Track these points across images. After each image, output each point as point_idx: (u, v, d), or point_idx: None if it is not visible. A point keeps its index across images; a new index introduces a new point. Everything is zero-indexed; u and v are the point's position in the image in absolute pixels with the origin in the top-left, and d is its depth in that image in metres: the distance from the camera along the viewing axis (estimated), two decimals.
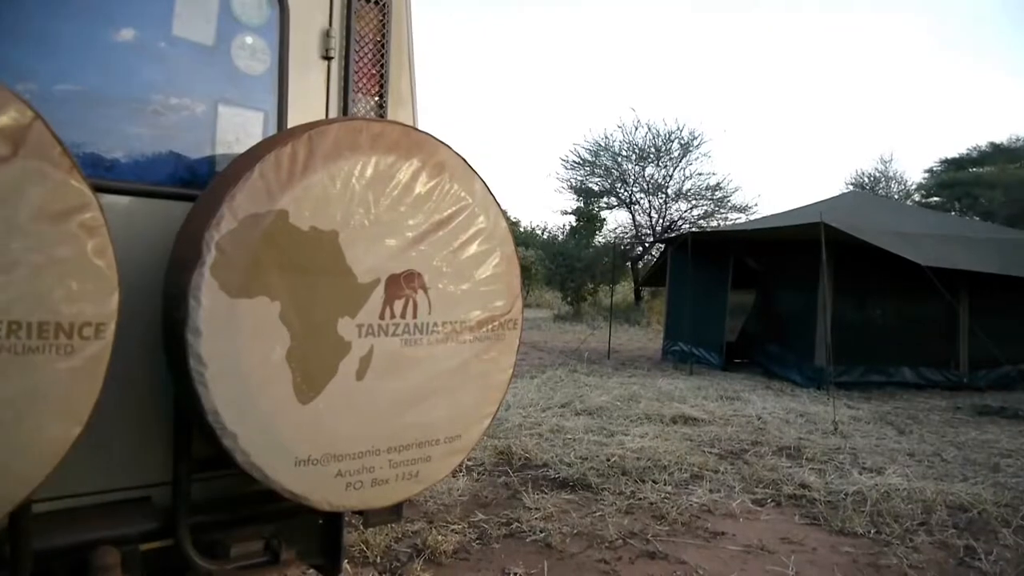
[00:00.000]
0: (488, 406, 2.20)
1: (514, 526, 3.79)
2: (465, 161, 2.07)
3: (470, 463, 4.92)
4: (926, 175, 41.39)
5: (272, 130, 2.25)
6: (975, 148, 42.37)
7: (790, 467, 5.12)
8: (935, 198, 38.48)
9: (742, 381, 9.47)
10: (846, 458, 5.45)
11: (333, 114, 2.40)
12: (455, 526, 3.74)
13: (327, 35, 2.37)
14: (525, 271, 27.79)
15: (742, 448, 5.70)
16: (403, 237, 1.94)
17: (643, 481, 4.62)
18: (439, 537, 3.52)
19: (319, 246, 1.82)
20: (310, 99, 2.36)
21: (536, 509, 4.03)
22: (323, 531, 2.41)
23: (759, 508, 4.28)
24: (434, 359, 2.03)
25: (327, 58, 2.38)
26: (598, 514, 4.02)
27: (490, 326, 2.13)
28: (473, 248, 2.07)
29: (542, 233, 28.70)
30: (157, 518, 1.98)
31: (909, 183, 37.36)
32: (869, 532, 3.89)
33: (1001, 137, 44.00)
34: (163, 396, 1.98)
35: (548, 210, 75.04)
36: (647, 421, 6.54)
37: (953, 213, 32.50)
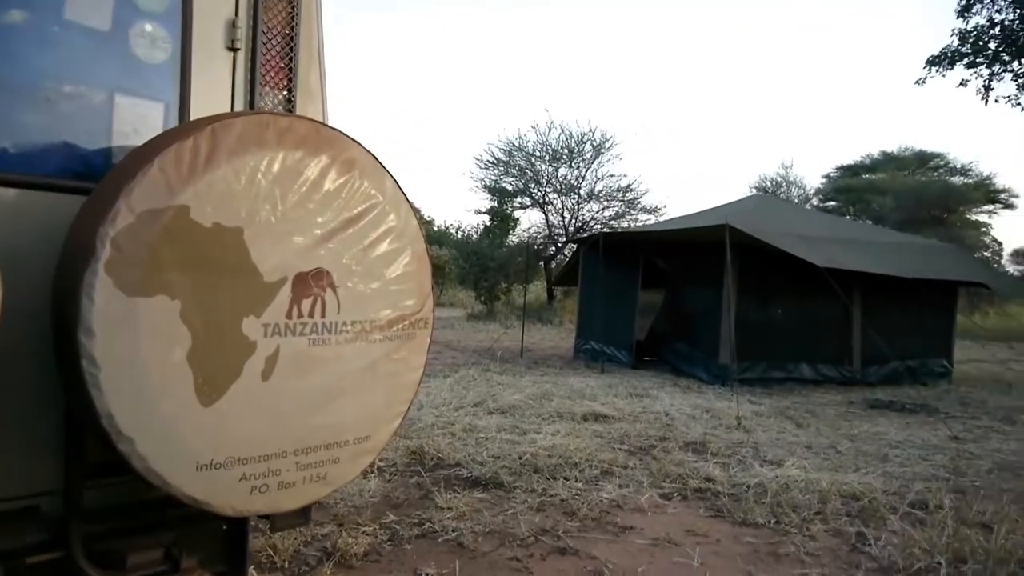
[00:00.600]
0: (399, 406, 2.18)
1: (426, 526, 3.77)
2: (376, 158, 2.04)
3: (381, 464, 4.87)
4: (824, 180, 43.40)
5: (173, 122, 2.17)
6: (868, 156, 44.67)
7: (696, 461, 5.27)
8: (832, 202, 40.39)
9: (651, 379, 9.69)
10: (748, 452, 5.65)
11: (239, 107, 2.33)
12: (366, 528, 3.69)
13: (233, 25, 2.29)
14: (439, 270, 27.78)
15: (650, 444, 5.83)
16: (311, 235, 1.90)
17: (555, 478, 4.67)
18: (349, 539, 3.47)
19: (223, 243, 1.76)
20: (214, 91, 2.28)
21: (448, 509, 4.02)
22: (227, 537, 2.34)
23: (666, 502, 4.39)
24: (343, 359, 2.00)
25: (233, 49, 2.30)
26: (510, 512, 4.04)
27: (400, 325, 2.11)
28: (383, 246, 2.05)
29: (456, 232, 28.68)
30: (46, 529, 1.87)
31: (808, 188, 39.08)
32: (769, 522, 4.04)
33: (892, 146, 46.47)
34: (53, 399, 1.88)
35: (462, 209, 75.06)
36: (559, 419, 6.61)
37: (848, 217, 34.19)
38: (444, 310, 25.23)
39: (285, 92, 2.42)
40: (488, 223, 25.21)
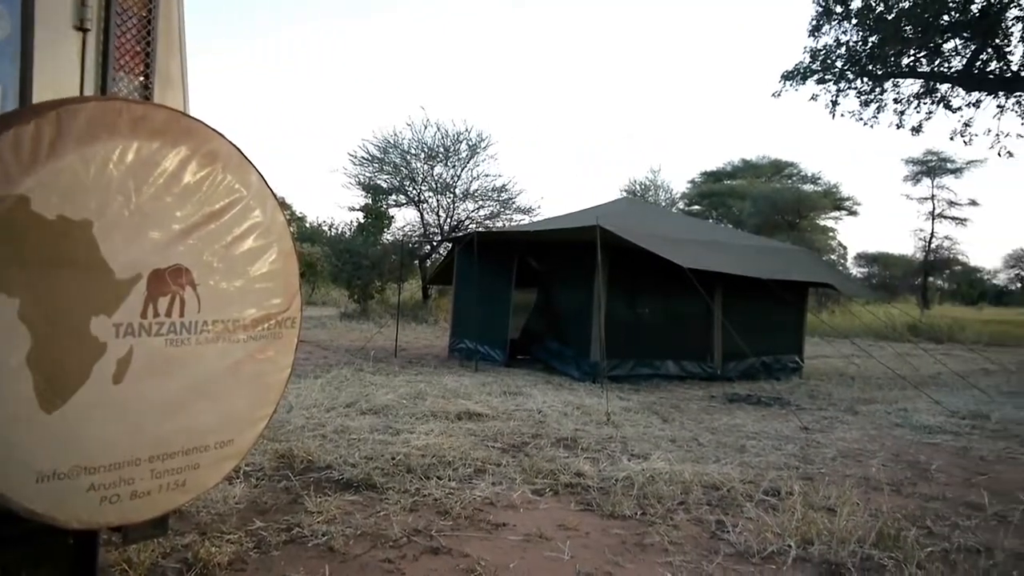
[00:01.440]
0: (264, 408, 2.10)
1: (295, 531, 3.66)
2: (240, 151, 1.96)
3: (247, 468, 4.69)
4: (689, 185, 45.51)
5: (12, 105, 2.00)
6: (729, 163, 47.23)
7: (567, 457, 5.38)
8: (696, 206, 42.38)
9: (524, 377, 9.82)
10: (617, 446, 5.82)
11: (89, 92, 2.18)
12: (230, 536, 3.54)
13: (82, 3, 2.14)
14: (310, 268, 27.07)
15: (523, 441, 5.91)
16: (169, 230, 1.80)
17: (428, 478, 4.65)
18: (212, 549, 3.32)
19: (68, 237, 1.64)
20: (61, 74, 2.11)
21: (319, 512, 3.92)
22: (75, 552, 2.18)
23: (538, 498, 4.46)
24: (204, 360, 1.91)
25: (82, 29, 2.15)
26: (382, 513, 3.98)
27: (266, 324, 2.04)
28: (248, 243, 1.97)
29: (329, 229, 28.02)
30: None
31: (675, 192, 40.77)
32: (636, 514, 4.17)
33: (751, 154, 49.29)
34: None
35: (335, 206, 73.57)
36: (433, 418, 6.59)
37: (711, 220, 35.93)
38: (316, 309, 24.64)
39: (141, 78, 2.28)
40: (362, 220, 24.77)
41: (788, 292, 10.58)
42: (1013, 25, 21.24)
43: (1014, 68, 21.79)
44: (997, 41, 21.36)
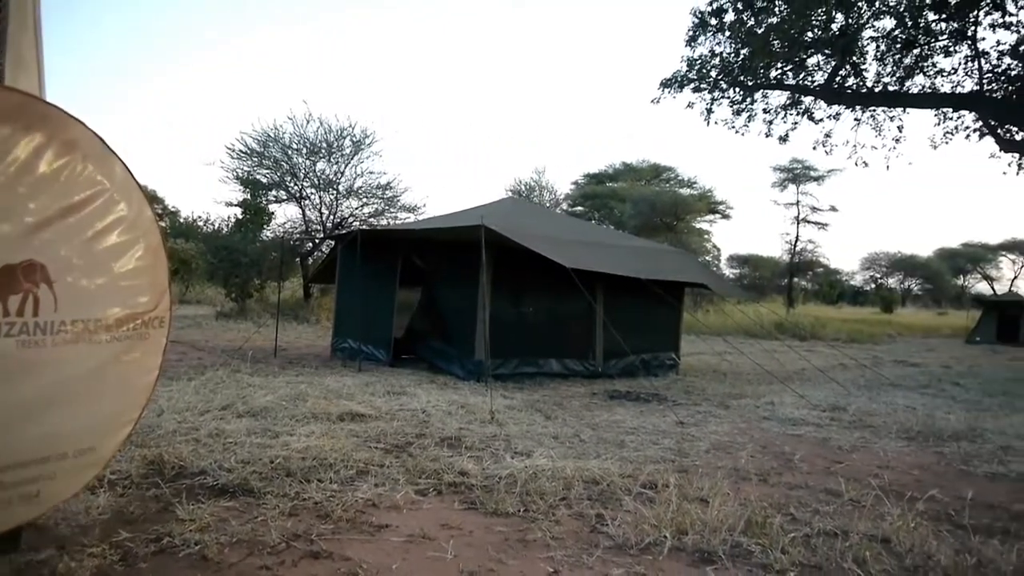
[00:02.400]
0: (129, 412, 1.99)
1: (165, 541, 3.48)
2: (102, 140, 1.84)
3: (113, 476, 4.43)
4: (572, 187, 46.43)
5: None
6: (611, 166, 48.57)
7: (451, 456, 5.38)
8: (579, 207, 43.28)
9: (408, 376, 9.74)
10: (501, 444, 5.86)
11: None
12: (93, 549, 3.33)
13: None
14: (184, 265, 25.84)
15: (407, 441, 5.86)
16: (21, 223, 1.67)
17: (308, 481, 4.53)
18: (72, 563, 3.10)
19: None
20: None
21: (191, 520, 3.74)
22: None
23: (422, 498, 4.43)
24: (61, 362, 1.78)
25: None
26: (260, 519, 3.85)
27: (132, 324, 1.93)
28: (111, 238, 1.86)
29: (204, 225, 26.89)
30: None
31: (559, 193, 41.46)
32: (519, 511, 4.22)
33: (631, 158, 50.81)
34: None
35: (211, 201, 70.62)
36: (314, 420, 6.43)
37: (593, 221, 36.78)
38: (190, 308, 23.60)
39: None
40: (240, 216, 23.88)
41: (666, 292, 10.95)
42: (868, 45, 22.84)
43: (869, 84, 23.44)
44: (854, 59, 22.91)
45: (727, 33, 22.12)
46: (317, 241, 23.13)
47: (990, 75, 22.81)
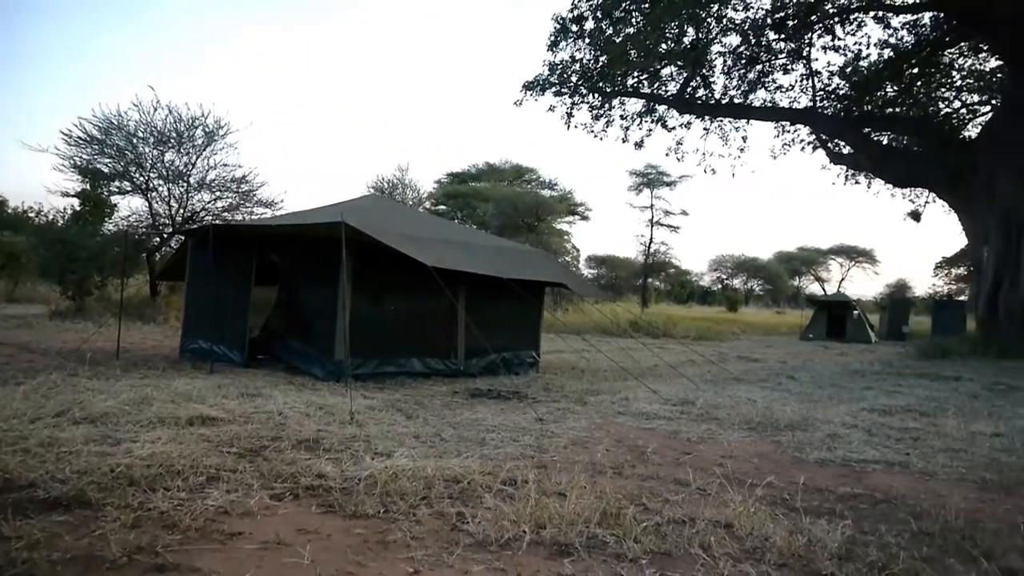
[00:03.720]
0: None
1: None
2: None
3: None
4: (436, 185, 46.41)
5: None
6: (474, 166, 48.95)
7: (309, 459, 5.23)
8: (442, 206, 43.30)
9: (264, 378, 9.40)
10: (361, 445, 5.77)
11: None
12: None
13: None
14: (13, 260, 23.87)
15: (262, 445, 5.65)
16: None
17: (154, 490, 4.28)
18: None
19: None
20: None
21: (17, 538, 3.44)
22: None
23: (277, 503, 4.29)
24: None
25: None
26: (98, 533, 3.59)
27: None
28: None
29: (36, 216, 24.81)
30: None
31: (422, 191, 41.27)
32: (379, 512, 4.16)
33: (494, 158, 51.37)
34: None
35: (44, 190, 65.32)
36: (161, 425, 6.08)
37: (456, 220, 36.90)
38: (19, 307, 21.79)
39: None
40: (78, 208, 22.19)
41: (527, 291, 11.14)
42: (716, 59, 24.21)
43: (717, 96, 24.85)
44: (704, 71, 24.21)
45: (587, 40, 22.82)
46: (165, 236, 21.86)
47: (822, 93, 24.80)
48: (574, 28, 22.55)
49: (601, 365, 13.18)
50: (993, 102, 23.64)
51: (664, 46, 22.32)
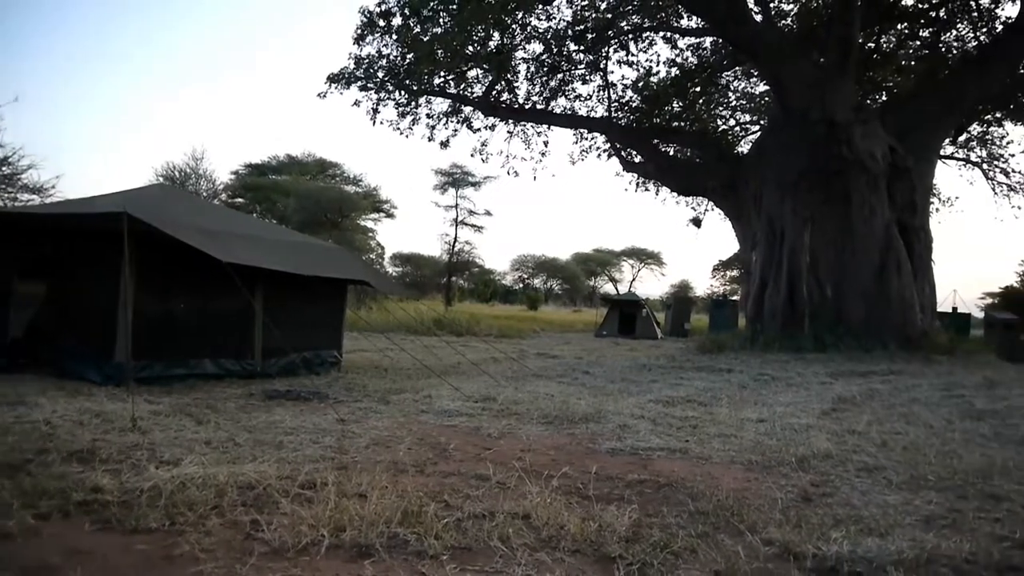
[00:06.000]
0: None
1: None
2: None
3: None
4: (232, 177, 43.99)
5: None
6: (275, 157, 46.98)
7: (82, 472, 4.77)
8: (240, 199, 41.19)
9: (30, 383, 8.44)
10: (144, 454, 5.35)
11: None
12: None
13: None
14: None
15: (24, 459, 5.06)
16: None
17: None
18: None
19: None
20: None
21: None
22: None
23: (43, 523, 3.86)
24: None
25: None
26: None
27: None
28: None
29: None
30: None
31: (218, 182, 39.04)
32: (164, 525, 3.87)
33: (296, 151, 49.59)
34: None
35: None
36: None
37: (254, 215, 35.25)
38: None
39: None
40: None
41: (329, 289, 10.87)
42: (520, 65, 24.96)
43: (520, 101, 25.62)
44: (508, 76, 24.87)
45: (394, 36, 22.65)
46: None
47: (617, 104, 26.35)
48: (381, 23, 22.31)
49: (405, 364, 13.13)
50: (761, 122, 26.32)
51: (471, 48, 22.66)
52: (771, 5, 22.32)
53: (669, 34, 24.46)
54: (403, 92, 24.51)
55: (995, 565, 3.76)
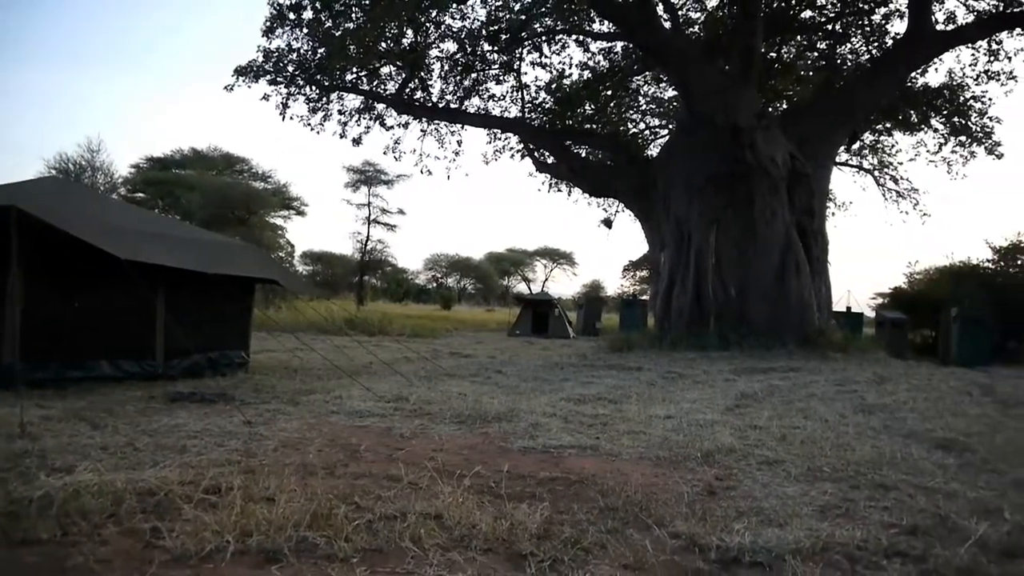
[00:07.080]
0: None
1: None
2: None
3: None
4: (132, 171, 42.18)
5: None
6: (178, 151, 45.28)
7: None
8: (140, 194, 39.52)
9: None
10: (34, 462, 5.08)
11: None
12: None
13: None
14: None
15: None
16: None
17: None
18: None
19: None
20: None
21: None
22: None
23: None
24: None
25: None
26: None
27: None
28: None
29: None
30: None
31: (116, 176, 37.34)
32: (56, 536, 3.69)
33: (201, 144, 47.88)
34: None
35: None
36: None
37: (156, 211, 33.89)
38: None
39: None
40: None
41: (235, 288, 10.56)
42: (434, 63, 24.85)
43: (434, 99, 25.50)
44: (422, 74, 24.73)
45: (305, 30, 22.16)
46: None
47: (530, 105, 26.54)
48: (292, 16, 21.78)
49: (315, 364, 12.88)
50: (670, 126, 27.01)
51: (384, 45, 22.41)
52: (679, 13, 22.96)
53: (582, 37, 24.79)
54: (314, 87, 24.02)
55: (884, 551, 3.98)
